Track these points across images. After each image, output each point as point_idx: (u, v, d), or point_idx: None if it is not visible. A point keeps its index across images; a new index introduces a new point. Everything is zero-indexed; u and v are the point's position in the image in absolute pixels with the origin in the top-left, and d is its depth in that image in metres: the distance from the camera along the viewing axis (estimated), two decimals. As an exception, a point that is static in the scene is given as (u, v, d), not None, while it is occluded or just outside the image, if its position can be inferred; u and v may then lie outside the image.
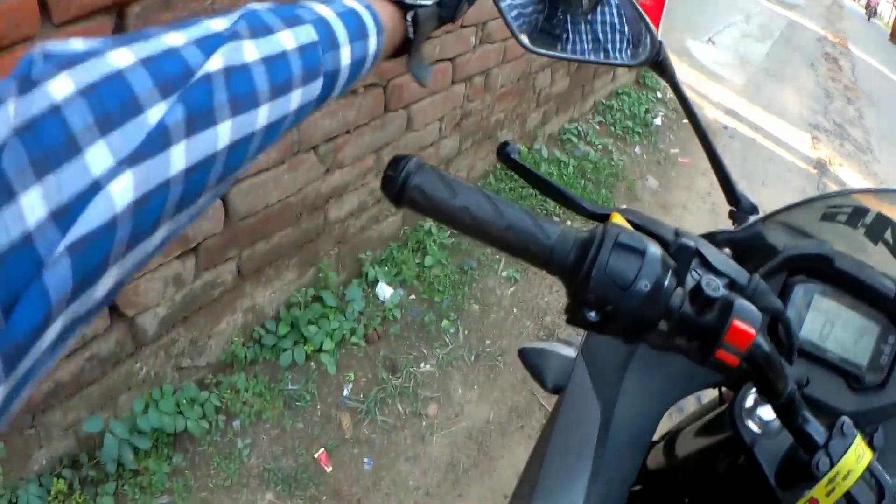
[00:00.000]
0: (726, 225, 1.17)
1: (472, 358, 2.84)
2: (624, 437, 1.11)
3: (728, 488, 1.05)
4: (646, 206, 4.41)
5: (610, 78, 5.42)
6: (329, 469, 2.30)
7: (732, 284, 0.73)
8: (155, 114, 0.41)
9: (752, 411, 0.94)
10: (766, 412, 0.92)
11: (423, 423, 2.55)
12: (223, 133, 0.46)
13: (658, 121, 5.70)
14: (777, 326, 0.89)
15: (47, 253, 0.35)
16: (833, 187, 6.46)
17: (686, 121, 5.85)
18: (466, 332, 2.94)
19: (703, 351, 0.67)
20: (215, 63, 0.46)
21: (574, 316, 0.68)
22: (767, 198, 5.36)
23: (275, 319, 2.52)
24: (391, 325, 2.82)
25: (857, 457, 0.76)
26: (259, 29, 0.51)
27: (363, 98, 2.42)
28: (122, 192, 0.39)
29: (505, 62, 3.45)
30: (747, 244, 1.12)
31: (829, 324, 1.10)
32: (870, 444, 0.81)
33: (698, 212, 4.73)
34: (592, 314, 0.66)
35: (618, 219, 0.72)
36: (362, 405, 2.51)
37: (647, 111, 5.64)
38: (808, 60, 12.66)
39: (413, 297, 3.00)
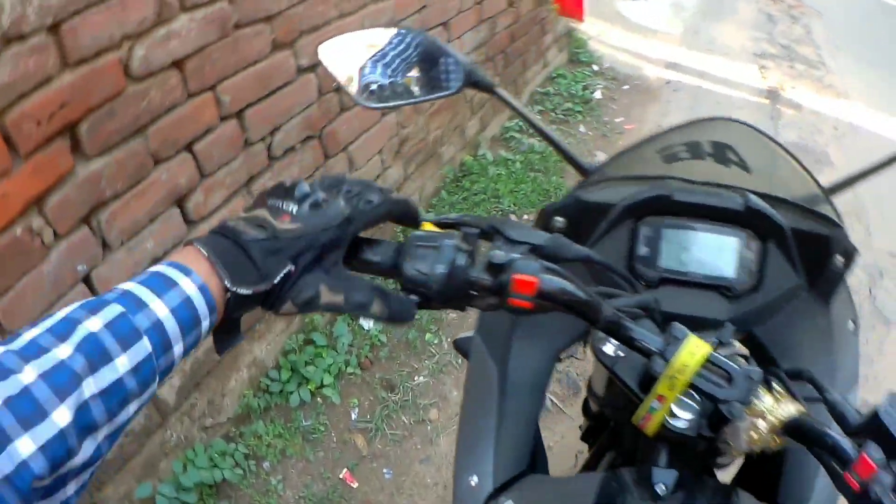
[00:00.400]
0: None
1: (459, 361, 3.27)
2: (520, 386, 1.31)
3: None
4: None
5: (541, 65, 5.82)
6: (355, 485, 2.74)
7: (534, 248, 0.91)
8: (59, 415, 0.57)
9: (606, 338, 1.08)
10: None
11: (429, 428, 2.99)
12: (58, 417, 0.58)
13: (598, 94, 6.07)
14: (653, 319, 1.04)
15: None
16: (788, 112, 6.86)
17: (627, 86, 6.31)
18: (449, 339, 3.37)
19: (502, 302, 0.88)
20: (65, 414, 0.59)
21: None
22: None
23: (276, 368, 2.97)
24: (380, 349, 3.25)
25: (691, 353, 0.91)
26: (96, 360, 0.61)
27: (302, 154, 2.85)
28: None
29: None
30: (576, 208, 1.31)
31: (686, 249, 1.27)
32: (720, 341, 0.97)
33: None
34: (413, 297, 0.87)
35: (427, 226, 0.93)
36: (371, 424, 2.94)
37: (585, 88, 6.02)
38: (742, -13, 12.96)
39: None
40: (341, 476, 2.76)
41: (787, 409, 0.91)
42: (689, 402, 0.95)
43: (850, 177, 1.52)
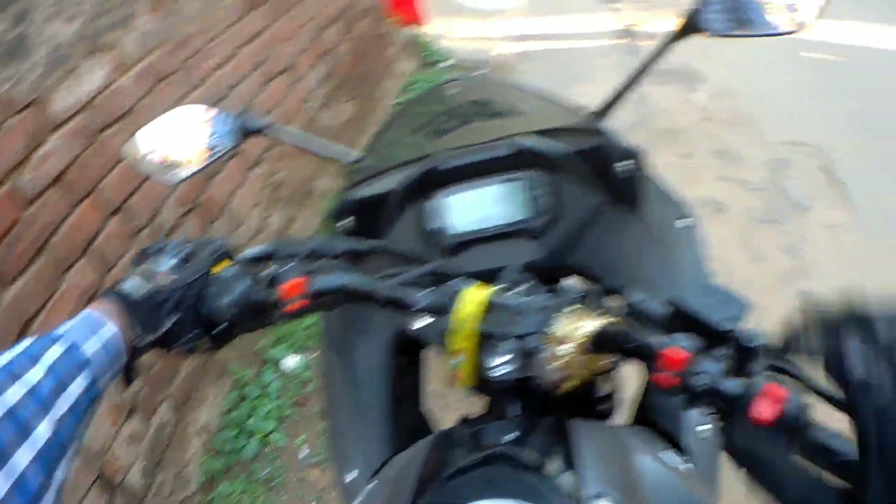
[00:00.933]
0: None
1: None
2: (367, 376, 1.39)
3: None
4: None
5: (394, 78, 6.26)
6: (324, 515, 3.15)
7: (308, 255, 1.07)
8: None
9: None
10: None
11: (378, 442, 3.39)
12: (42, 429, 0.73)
13: (455, 89, 6.42)
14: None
15: None
16: (646, 44, 7.32)
17: (483, 71, 6.69)
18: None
19: (284, 312, 1.01)
20: None
21: (215, 336, 1.01)
22: (592, 93, 6.00)
23: (222, 428, 3.38)
24: (309, 384, 3.69)
25: (471, 301, 0.98)
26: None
27: (187, 226, 3.25)
28: None
29: (289, 125, 4.11)
30: (356, 207, 1.40)
31: (473, 208, 1.36)
32: (509, 282, 1.04)
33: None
34: (221, 326, 1.00)
35: (224, 264, 1.04)
36: (321, 456, 3.36)
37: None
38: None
39: (314, 354, 3.86)
40: (310, 511, 3.17)
41: (590, 325, 0.95)
42: (498, 347, 0.99)
43: (612, 95, 1.55)
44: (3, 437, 0.68)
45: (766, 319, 3.81)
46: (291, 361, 3.77)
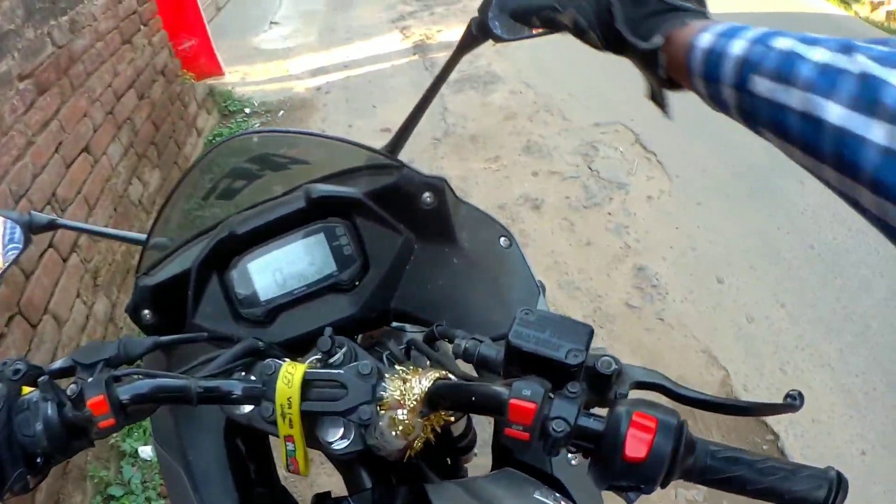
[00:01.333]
0: None
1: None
2: (208, 475, 1.28)
3: None
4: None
5: (195, 136, 6.24)
6: None
7: (106, 362, 0.98)
8: None
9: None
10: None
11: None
12: None
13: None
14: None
15: None
16: (439, 56, 7.60)
17: (282, 112, 6.75)
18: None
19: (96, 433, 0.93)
20: None
21: None
22: (391, 116, 6.28)
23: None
24: (168, 470, 3.60)
25: (287, 382, 0.93)
26: None
27: (11, 334, 3.15)
28: None
29: (96, 206, 4.18)
30: (153, 297, 1.32)
31: (278, 271, 1.28)
32: (322, 351, 1.00)
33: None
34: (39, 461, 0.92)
35: (25, 389, 0.95)
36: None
37: (242, 137, 6.42)
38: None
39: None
40: None
41: (422, 384, 0.92)
42: (329, 423, 0.97)
43: (402, 127, 1.56)
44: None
45: (606, 304, 3.95)
46: (148, 450, 3.67)
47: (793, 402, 0.79)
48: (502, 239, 1.41)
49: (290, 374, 0.93)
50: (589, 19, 0.98)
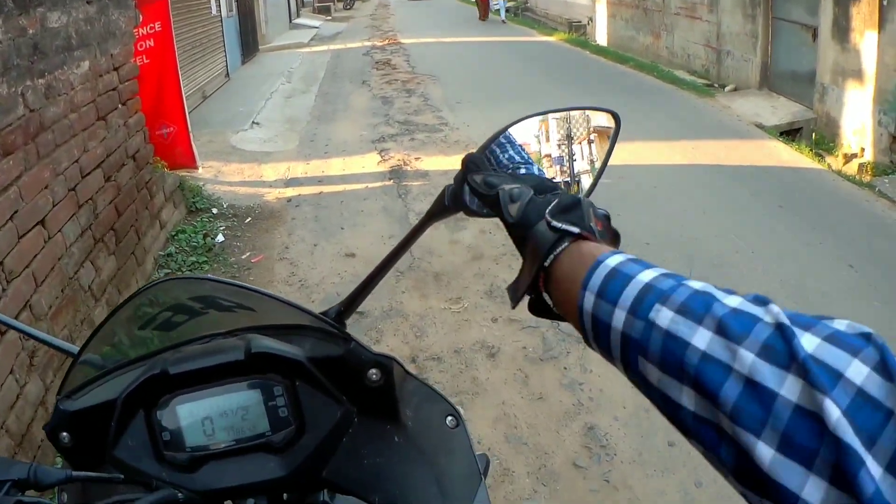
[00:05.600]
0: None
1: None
2: None
3: None
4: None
5: (158, 228, 6.09)
6: None
7: (15, 484, 0.94)
8: None
9: None
10: None
11: None
12: None
13: (221, 238, 6.44)
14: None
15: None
16: (416, 184, 7.63)
17: (249, 219, 6.68)
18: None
19: None
20: None
21: None
22: (357, 242, 6.25)
23: None
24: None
25: None
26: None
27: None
28: None
29: (42, 284, 3.97)
30: (72, 421, 1.23)
31: (208, 419, 1.20)
32: None
33: (290, 295, 5.39)
34: None
35: None
36: None
37: (205, 236, 6.37)
38: (358, 81, 13.97)
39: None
40: None
41: None
42: None
43: (355, 291, 1.45)
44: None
45: (552, 462, 3.82)
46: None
47: None
48: (449, 418, 1.34)
49: None
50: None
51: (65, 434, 1.22)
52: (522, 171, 1.25)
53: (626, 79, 13.75)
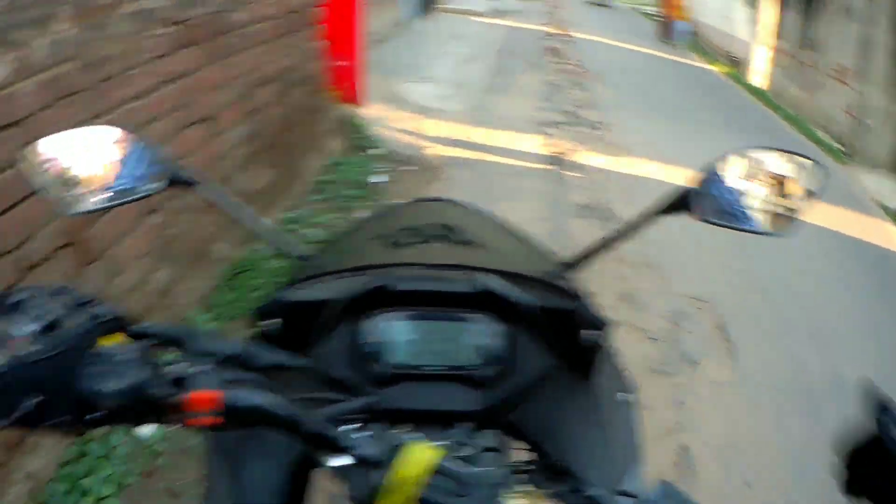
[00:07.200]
0: None
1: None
2: (258, 494, 1.22)
3: None
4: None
5: (319, 154, 6.04)
6: None
7: (226, 358, 0.89)
8: None
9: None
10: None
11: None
12: None
13: (379, 178, 6.37)
14: None
15: None
16: (573, 176, 7.39)
17: (409, 168, 6.60)
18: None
19: (170, 421, 0.83)
20: None
21: (88, 421, 0.81)
22: (511, 217, 6.02)
23: (54, 481, 2.93)
24: (160, 457, 3.27)
25: (415, 462, 0.86)
26: None
27: (57, 263, 2.88)
28: None
29: None
30: (287, 309, 1.25)
31: (419, 341, 1.22)
32: (457, 442, 0.97)
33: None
34: (97, 414, 0.79)
35: (115, 338, 0.84)
36: (154, 538, 2.95)
37: (366, 173, 6.31)
38: (531, 62, 13.81)
39: (173, 427, 3.45)
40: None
41: None
42: None
43: (589, 249, 1.48)
44: None
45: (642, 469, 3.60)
46: (147, 429, 3.34)
47: None
48: (619, 395, 1.39)
49: (420, 456, 0.87)
50: None
51: (271, 322, 1.23)
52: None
53: (768, 122, 13.21)
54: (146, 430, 3.33)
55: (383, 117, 7.88)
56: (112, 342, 0.84)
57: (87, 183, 1.37)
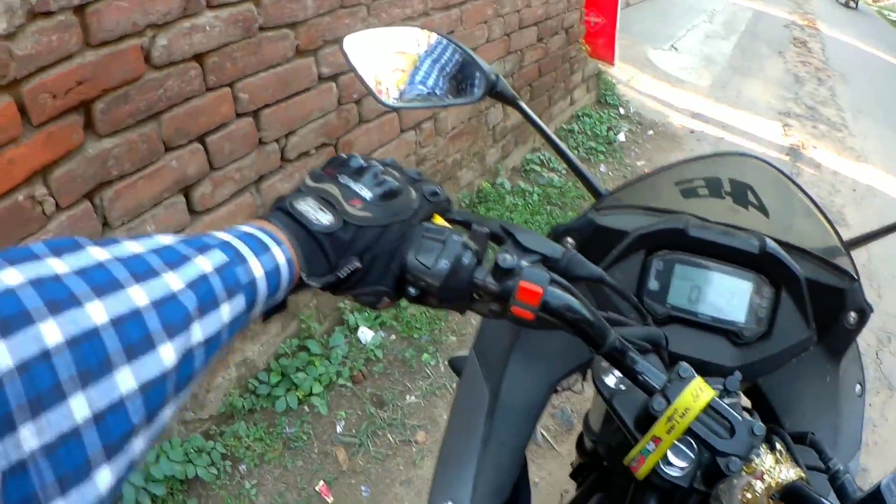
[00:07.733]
0: None
1: (453, 385, 3.26)
2: (511, 411, 1.27)
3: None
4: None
5: (568, 102, 5.90)
6: (330, 500, 2.73)
7: (545, 259, 0.88)
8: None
9: (609, 369, 1.03)
10: None
11: (414, 450, 2.98)
12: (165, 355, 0.51)
13: (622, 136, 6.19)
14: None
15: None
16: (808, 170, 6.94)
17: (651, 132, 6.39)
18: (446, 362, 3.38)
19: (504, 309, 0.83)
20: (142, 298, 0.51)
21: (399, 294, 0.84)
22: None
23: (266, 370, 2.98)
24: (374, 364, 3.27)
25: (695, 396, 0.87)
26: (207, 304, 0.57)
27: (316, 159, 2.90)
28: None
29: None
30: (589, 231, 1.27)
31: (697, 288, 1.23)
32: (726, 388, 0.95)
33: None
34: (411, 290, 0.82)
35: (437, 219, 0.88)
36: (355, 439, 2.95)
37: (609, 129, 6.13)
38: (776, 49, 13.09)
39: (393, 336, 3.45)
40: (317, 488, 2.76)
41: (787, 473, 0.87)
42: (686, 449, 0.93)
43: (868, 234, 1.47)
44: (100, 348, 0.46)
45: None
46: (368, 334, 3.36)
47: None
48: (857, 387, 1.38)
49: (701, 391, 0.88)
50: None
51: (570, 239, 1.27)
52: None
53: None
54: (367, 335, 3.32)
55: (631, 78, 7.65)
56: (434, 223, 0.85)
57: (403, 80, 1.35)
